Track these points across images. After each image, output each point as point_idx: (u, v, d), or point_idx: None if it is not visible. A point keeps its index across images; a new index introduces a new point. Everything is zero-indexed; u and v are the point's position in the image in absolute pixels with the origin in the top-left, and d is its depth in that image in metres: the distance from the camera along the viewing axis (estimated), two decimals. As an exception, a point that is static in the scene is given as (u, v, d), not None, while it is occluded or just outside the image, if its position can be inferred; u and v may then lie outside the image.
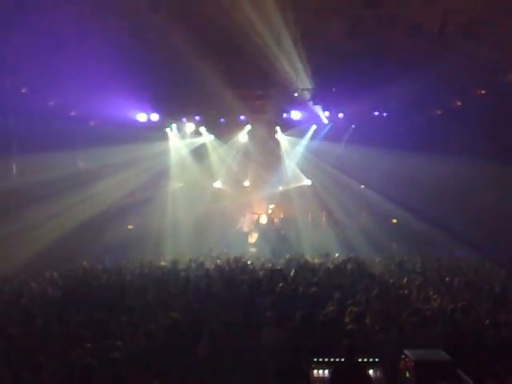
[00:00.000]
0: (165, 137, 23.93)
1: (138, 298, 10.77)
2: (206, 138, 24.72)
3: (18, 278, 14.05)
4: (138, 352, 7.65)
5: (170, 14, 14.91)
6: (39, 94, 17.42)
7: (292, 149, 25.12)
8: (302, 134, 24.48)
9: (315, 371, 6.68)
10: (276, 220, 25.09)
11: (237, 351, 7.74)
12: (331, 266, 14.56)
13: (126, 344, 7.81)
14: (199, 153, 24.91)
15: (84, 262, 16.88)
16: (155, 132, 22.83)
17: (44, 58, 14.70)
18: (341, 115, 22.90)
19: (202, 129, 24.25)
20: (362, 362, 6.63)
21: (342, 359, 6.61)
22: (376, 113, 23.16)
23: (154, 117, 22.41)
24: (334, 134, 23.85)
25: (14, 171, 19.21)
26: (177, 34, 15.74)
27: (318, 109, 22.54)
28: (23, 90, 16.95)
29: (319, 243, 20.71)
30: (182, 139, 24.39)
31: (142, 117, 22.25)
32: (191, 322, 8.74)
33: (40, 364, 6.95)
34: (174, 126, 23.90)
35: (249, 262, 16.03)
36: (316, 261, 16.69)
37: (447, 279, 12.35)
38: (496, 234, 18.11)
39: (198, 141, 24.77)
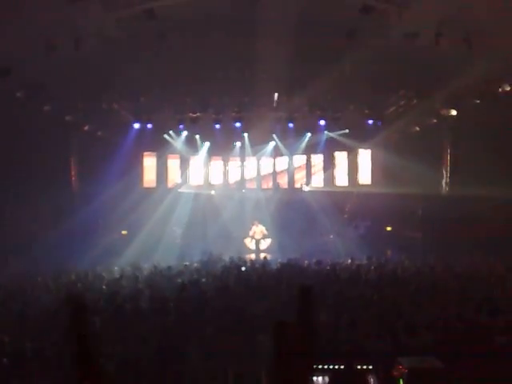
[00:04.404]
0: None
1: (131, 302, 10.71)
2: (202, 145, 24.80)
3: (11, 283, 13.96)
4: (130, 357, 7.60)
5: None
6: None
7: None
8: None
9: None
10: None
11: (230, 357, 7.71)
12: (325, 272, 14.56)
13: (118, 349, 7.76)
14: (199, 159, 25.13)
15: (77, 267, 16.78)
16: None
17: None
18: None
19: (197, 136, 24.38)
20: (362, 369, 6.61)
21: (341, 366, 6.60)
22: (370, 121, 23.35)
23: (150, 124, 22.74)
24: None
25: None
26: (173, 41, 15.85)
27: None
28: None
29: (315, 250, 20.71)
30: (183, 145, 24.55)
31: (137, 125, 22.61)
32: (184, 327, 8.70)
33: (32, 369, 6.90)
34: (171, 132, 24.13)
35: (243, 269, 16.00)
36: (310, 267, 16.66)
37: (440, 286, 12.36)
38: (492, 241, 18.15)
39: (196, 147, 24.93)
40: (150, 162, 25.28)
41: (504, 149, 18.63)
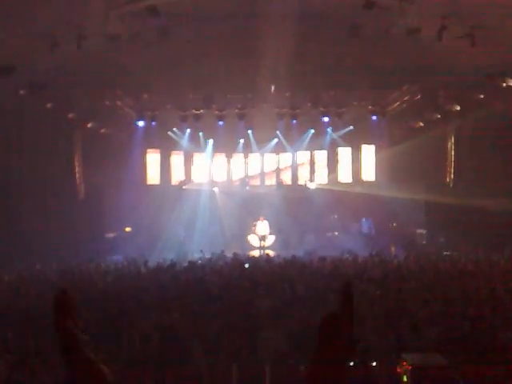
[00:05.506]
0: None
1: (135, 299, 10.72)
2: (205, 142, 24.82)
3: (15, 280, 14.01)
4: (135, 355, 7.62)
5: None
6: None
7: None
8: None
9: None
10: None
11: (234, 354, 7.72)
12: (329, 269, 14.53)
13: (123, 347, 7.78)
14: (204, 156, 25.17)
15: (80, 262, 16.82)
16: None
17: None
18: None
19: (200, 134, 24.38)
20: (372, 365, 6.60)
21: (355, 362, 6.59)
22: (374, 117, 23.34)
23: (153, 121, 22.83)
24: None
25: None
26: (176, 38, 15.84)
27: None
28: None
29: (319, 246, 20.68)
30: (187, 142, 24.58)
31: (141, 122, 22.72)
32: (189, 324, 8.71)
33: (35, 366, 6.92)
34: (175, 129, 24.17)
35: (246, 266, 15.99)
36: (314, 264, 16.63)
37: (444, 283, 12.33)
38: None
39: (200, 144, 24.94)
40: (153, 159, 25.27)
41: (507, 143, 18.58)
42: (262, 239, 23.57)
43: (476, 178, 20.00)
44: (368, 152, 25.04)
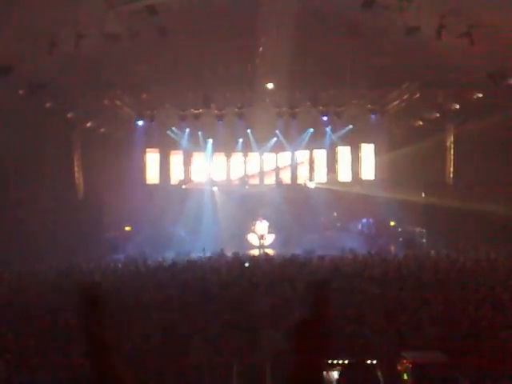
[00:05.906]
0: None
1: (134, 298, 10.71)
2: (205, 141, 24.80)
3: (15, 280, 13.99)
4: (134, 354, 7.60)
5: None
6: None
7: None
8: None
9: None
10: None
11: (234, 353, 7.71)
12: (328, 268, 14.53)
13: (122, 346, 7.76)
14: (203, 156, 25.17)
15: (80, 261, 16.81)
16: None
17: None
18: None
19: (200, 133, 24.35)
20: (371, 363, 6.58)
21: (351, 361, 6.57)
22: (373, 116, 23.34)
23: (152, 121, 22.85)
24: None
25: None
26: (175, 37, 15.84)
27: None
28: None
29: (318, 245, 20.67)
30: (186, 142, 24.56)
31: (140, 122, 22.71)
32: (188, 323, 8.71)
33: (35, 365, 6.91)
34: (174, 128, 24.15)
35: (246, 265, 15.98)
36: (313, 262, 16.62)
37: (444, 281, 12.33)
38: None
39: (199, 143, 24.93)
40: (152, 159, 25.24)
41: (507, 143, 18.58)
42: (261, 238, 23.57)
43: (476, 177, 20.00)
44: (367, 151, 25.03)
